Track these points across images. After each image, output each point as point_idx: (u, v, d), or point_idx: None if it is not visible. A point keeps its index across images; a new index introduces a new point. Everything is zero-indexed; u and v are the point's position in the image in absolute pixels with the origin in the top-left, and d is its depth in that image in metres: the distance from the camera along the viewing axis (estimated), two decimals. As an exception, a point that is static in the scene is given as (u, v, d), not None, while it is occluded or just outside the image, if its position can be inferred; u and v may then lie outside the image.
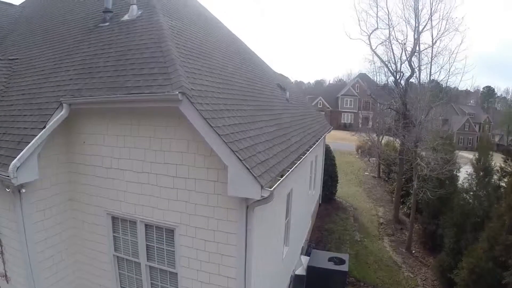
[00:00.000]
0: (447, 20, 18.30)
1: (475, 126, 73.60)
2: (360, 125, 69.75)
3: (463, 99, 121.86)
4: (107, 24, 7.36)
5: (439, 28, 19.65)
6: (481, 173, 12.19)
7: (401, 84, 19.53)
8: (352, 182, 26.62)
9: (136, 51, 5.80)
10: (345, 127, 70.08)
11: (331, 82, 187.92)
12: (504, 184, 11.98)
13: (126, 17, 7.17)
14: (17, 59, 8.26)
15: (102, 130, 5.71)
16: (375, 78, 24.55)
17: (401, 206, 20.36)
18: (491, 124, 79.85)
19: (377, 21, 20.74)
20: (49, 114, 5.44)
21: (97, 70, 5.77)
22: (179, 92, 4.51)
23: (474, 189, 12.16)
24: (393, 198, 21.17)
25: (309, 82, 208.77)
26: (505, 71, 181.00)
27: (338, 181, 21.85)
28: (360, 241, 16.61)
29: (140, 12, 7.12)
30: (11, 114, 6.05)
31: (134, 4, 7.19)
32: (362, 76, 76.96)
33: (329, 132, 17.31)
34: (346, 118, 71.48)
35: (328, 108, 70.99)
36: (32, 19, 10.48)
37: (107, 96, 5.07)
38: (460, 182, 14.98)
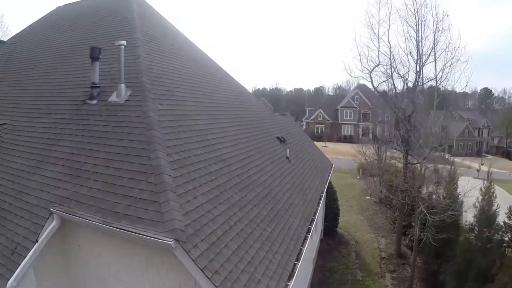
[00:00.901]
0: (451, 52, 17.94)
1: (474, 131, 73.54)
2: (360, 136, 70.06)
3: (461, 101, 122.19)
4: (94, 102, 7.26)
5: (444, 61, 19.24)
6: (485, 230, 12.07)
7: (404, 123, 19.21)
8: (354, 209, 26.39)
9: (124, 156, 5.67)
10: (346, 139, 69.98)
11: (330, 89, 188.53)
12: (507, 239, 11.84)
13: (114, 98, 7.04)
14: (5, 124, 8.16)
15: (97, 242, 5.52)
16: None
17: (403, 238, 20.10)
18: (490, 128, 79.78)
19: (378, 56, 20.61)
20: (40, 224, 5.29)
21: (86, 175, 5.62)
22: (173, 240, 4.32)
23: (479, 244, 11.98)
24: (395, 228, 20.93)
25: (308, 90, 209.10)
26: (498, 68, 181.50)
27: (340, 211, 21.72)
28: (362, 280, 16.37)
29: (129, 94, 6.98)
30: (1, 206, 5.95)
31: (122, 83, 7.05)
32: (361, 87, 76.99)
33: (329, 175, 16.96)
34: (346, 130, 71.39)
35: (328, 120, 70.98)
36: (21, 70, 10.52)
37: (97, 223, 4.90)
38: (463, 222, 14.78)
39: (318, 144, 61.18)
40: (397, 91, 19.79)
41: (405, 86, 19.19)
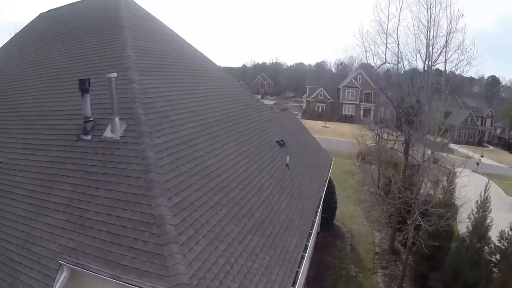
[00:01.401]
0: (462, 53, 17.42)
1: (478, 120, 73.19)
2: (361, 117, 69.78)
3: (466, 86, 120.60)
4: (89, 138, 7.17)
5: (454, 62, 18.58)
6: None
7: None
8: (351, 200, 26.67)
9: (125, 203, 5.69)
10: (346, 119, 69.74)
11: (332, 64, 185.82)
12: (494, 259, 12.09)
13: (109, 133, 6.95)
14: (0, 162, 8.03)
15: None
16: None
17: (397, 234, 20.47)
18: (494, 118, 79.23)
19: (385, 53, 20.11)
20: (51, 276, 5.30)
21: (89, 224, 5.65)
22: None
23: (469, 256, 12.21)
24: (391, 223, 21.27)
25: (309, 64, 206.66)
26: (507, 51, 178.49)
27: (337, 202, 21.97)
28: (355, 276, 16.84)
29: (124, 128, 6.89)
30: (9, 256, 5.95)
31: (116, 117, 6.94)
32: (365, 67, 75.90)
33: (329, 173, 16.98)
34: (348, 110, 71.02)
35: (329, 99, 70.50)
36: (8, 95, 10.28)
37: (106, 277, 5.00)
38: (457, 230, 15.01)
39: (318, 124, 61.32)
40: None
41: (412, 86, 18.92)
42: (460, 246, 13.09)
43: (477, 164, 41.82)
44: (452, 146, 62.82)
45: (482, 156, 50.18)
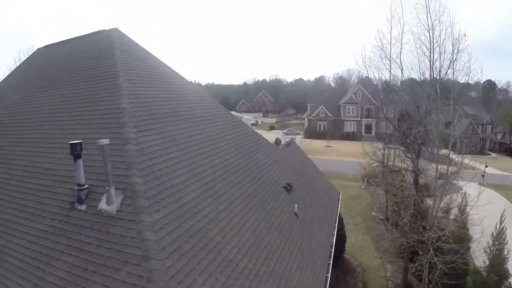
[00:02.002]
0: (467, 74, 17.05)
1: (478, 127, 72.68)
2: (363, 133, 69.19)
3: (465, 92, 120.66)
4: (83, 208, 6.54)
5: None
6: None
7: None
8: (359, 228, 25.82)
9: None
10: (348, 136, 69.26)
11: (331, 78, 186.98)
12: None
13: (104, 204, 6.31)
14: None
15: None
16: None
17: (410, 265, 19.58)
18: (494, 124, 78.76)
19: (389, 80, 19.70)
20: None
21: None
22: None
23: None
24: (402, 253, 20.40)
25: (309, 80, 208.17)
26: (506, 57, 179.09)
27: (346, 233, 21.19)
28: (369, 317, 15.97)
29: (120, 200, 6.26)
30: None
31: (111, 188, 6.32)
32: (363, 82, 75.84)
33: (338, 210, 16.25)
34: (349, 127, 70.56)
35: (331, 117, 70.12)
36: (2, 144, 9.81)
37: None
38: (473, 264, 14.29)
39: (320, 143, 60.70)
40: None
41: (418, 113, 18.39)
42: (477, 280, 12.41)
43: (483, 176, 40.78)
44: (456, 157, 62.20)
45: (487, 167, 49.28)
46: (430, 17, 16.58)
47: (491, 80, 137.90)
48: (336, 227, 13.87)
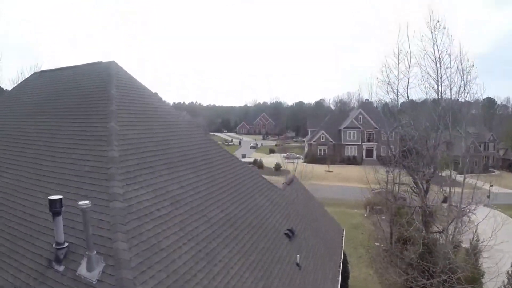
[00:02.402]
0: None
1: (480, 146, 72.24)
2: (364, 157, 68.58)
3: (464, 109, 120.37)
4: (61, 269, 5.83)
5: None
6: None
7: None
8: (363, 260, 24.83)
9: None
10: (349, 161, 68.63)
11: (331, 101, 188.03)
12: None
13: (84, 270, 5.58)
14: None
15: None
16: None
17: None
18: (495, 142, 78.33)
19: (396, 115, 19.37)
20: None
21: None
22: None
23: None
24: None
25: (309, 103, 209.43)
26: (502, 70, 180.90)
27: (349, 268, 20.34)
28: None
29: (101, 268, 5.52)
30: None
31: (92, 253, 5.63)
32: (364, 106, 75.81)
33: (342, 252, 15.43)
34: (350, 151, 70.02)
35: (331, 141, 69.68)
36: None
37: None
38: None
39: (321, 168, 59.97)
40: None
41: (427, 148, 17.96)
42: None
43: (488, 197, 39.62)
44: (459, 178, 61.18)
45: (491, 186, 48.37)
46: (438, 49, 16.37)
47: (490, 97, 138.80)
48: (341, 269, 13.06)
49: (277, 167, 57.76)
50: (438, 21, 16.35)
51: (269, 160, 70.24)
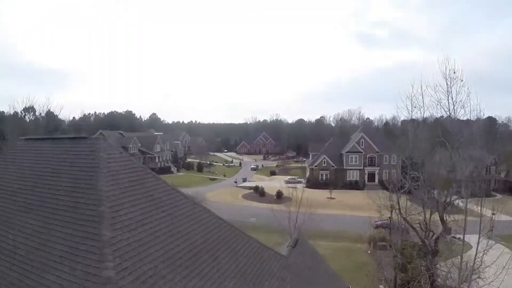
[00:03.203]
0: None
1: (482, 170, 71.43)
2: (366, 182, 67.94)
3: (464, 128, 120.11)
4: None
5: None
6: None
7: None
8: (369, 309, 23.95)
9: None
10: (351, 185, 67.92)
11: (331, 119, 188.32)
12: None
13: None
14: None
15: None
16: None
17: None
18: (497, 164, 77.48)
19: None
20: None
21: None
22: None
23: None
24: None
25: (310, 120, 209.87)
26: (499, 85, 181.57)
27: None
28: None
29: None
30: None
31: None
32: (366, 130, 75.56)
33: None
34: (352, 176, 69.35)
35: (333, 166, 69.13)
36: None
37: None
38: None
39: (323, 194, 59.22)
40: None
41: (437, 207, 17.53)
42: None
43: (491, 230, 38.36)
44: (460, 203, 59.90)
45: (494, 214, 47.34)
46: (453, 102, 15.91)
47: (491, 116, 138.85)
48: None
49: (279, 195, 57.02)
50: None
51: (270, 185, 69.56)
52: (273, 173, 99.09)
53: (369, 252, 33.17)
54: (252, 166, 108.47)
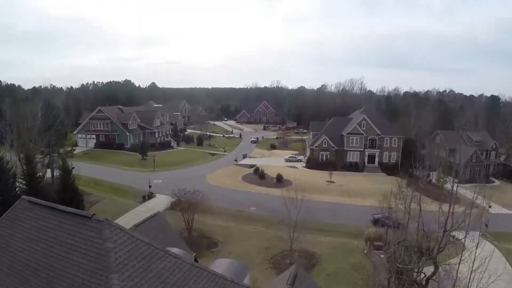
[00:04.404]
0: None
1: (482, 154, 71.69)
2: (365, 163, 68.24)
3: (468, 104, 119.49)
4: None
5: None
6: None
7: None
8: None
9: None
10: (351, 167, 68.29)
11: (333, 87, 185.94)
12: None
13: None
14: None
15: None
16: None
17: None
18: (498, 150, 77.47)
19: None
20: None
21: None
22: None
23: None
24: None
25: (311, 87, 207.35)
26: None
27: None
28: None
29: None
30: None
31: None
32: (368, 112, 74.78)
33: None
34: (352, 157, 69.55)
35: (333, 147, 69.07)
36: None
37: None
38: None
39: (322, 177, 59.67)
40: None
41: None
42: None
43: (486, 225, 38.55)
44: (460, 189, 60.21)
45: (490, 207, 47.94)
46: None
47: (494, 95, 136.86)
48: None
49: (279, 178, 57.50)
50: None
51: (270, 164, 69.95)
52: (273, 146, 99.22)
53: (365, 252, 33.89)
54: (252, 139, 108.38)
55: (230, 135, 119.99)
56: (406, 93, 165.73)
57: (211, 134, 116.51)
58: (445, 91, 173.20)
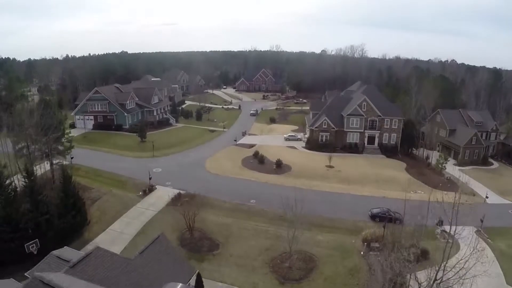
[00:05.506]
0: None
1: (482, 135, 71.57)
2: (365, 144, 68.16)
3: (470, 77, 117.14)
4: None
5: None
6: None
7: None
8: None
9: None
10: (351, 148, 68.26)
11: (333, 52, 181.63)
12: None
13: None
14: None
15: None
16: None
17: None
18: (498, 131, 77.15)
19: None
20: None
21: None
22: None
23: None
24: None
25: (311, 51, 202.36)
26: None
27: None
28: None
29: None
30: None
31: None
32: (369, 92, 73.49)
33: None
34: (352, 138, 69.39)
35: (333, 128, 68.65)
36: None
37: None
38: None
39: (321, 161, 59.95)
40: None
41: None
42: None
43: (481, 221, 39.11)
44: (459, 174, 60.15)
45: (487, 198, 48.40)
46: None
47: (496, 67, 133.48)
48: None
49: (278, 164, 57.76)
50: None
51: (270, 144, 69.99)
52: (272, 120, 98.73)
53: (362, 253, 34.60)
54: (251, 112, 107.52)
55: (229, 107, 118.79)
56: (408, 62, 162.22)
57: (210, 106, 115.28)
58: (447, 61, 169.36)
